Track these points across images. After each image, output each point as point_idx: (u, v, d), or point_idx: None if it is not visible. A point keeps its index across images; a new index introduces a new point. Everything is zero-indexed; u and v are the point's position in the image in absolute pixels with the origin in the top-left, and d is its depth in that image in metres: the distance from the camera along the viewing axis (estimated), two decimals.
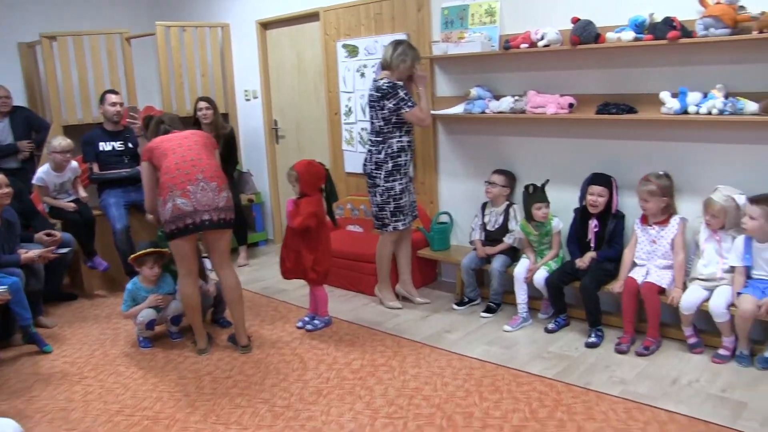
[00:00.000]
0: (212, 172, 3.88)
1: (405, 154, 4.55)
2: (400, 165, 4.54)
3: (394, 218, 4.62)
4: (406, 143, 4.55)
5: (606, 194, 4.09)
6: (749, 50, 3.62)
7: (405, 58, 4.42)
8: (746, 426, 3.02)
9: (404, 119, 4.47)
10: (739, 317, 3.54)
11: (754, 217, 3.51)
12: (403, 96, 4.40)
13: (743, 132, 3.71)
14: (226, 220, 3.91)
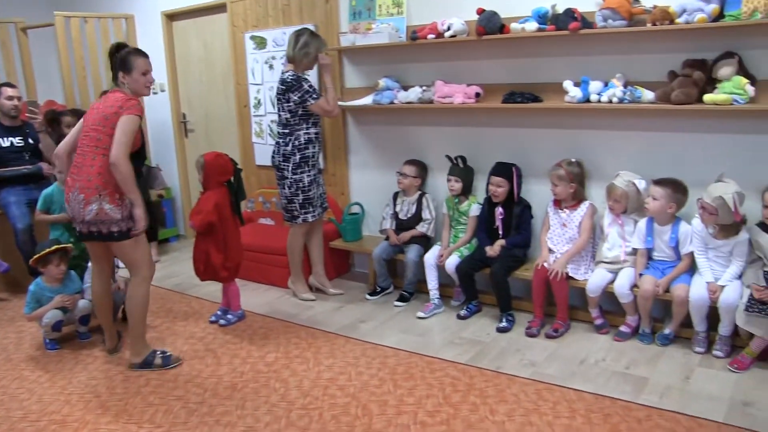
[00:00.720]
0: (84, 183, 3.48)
1: (313, 146, 4.53)
2: (308, 157, 4.51)
3: (304, 210, 4.58)
4: (313, 135, 4.52)
5: (505, 184, 4.19)
6: (644, 41, 3.77)
7: (308, 51, 4.41)
8: (647, 399, 3.17)
9: (311, 111, 4.44)
10: (641, 297, 3.70)
11: (657, 198, 3.66)
12: (308, 88, 4.37)
13: (641, 119, 3.86)
14: (98, 232, 3.54)
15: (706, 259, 3.62)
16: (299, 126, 4.47)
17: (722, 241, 3.55)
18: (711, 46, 3.57)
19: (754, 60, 3.49)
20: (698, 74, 3.54)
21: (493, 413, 3.10)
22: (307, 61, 4.43)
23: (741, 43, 3.51)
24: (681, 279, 3.66)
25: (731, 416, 3.00)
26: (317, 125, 4.56)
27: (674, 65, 3.67)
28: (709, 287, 3.52)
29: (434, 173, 4.73)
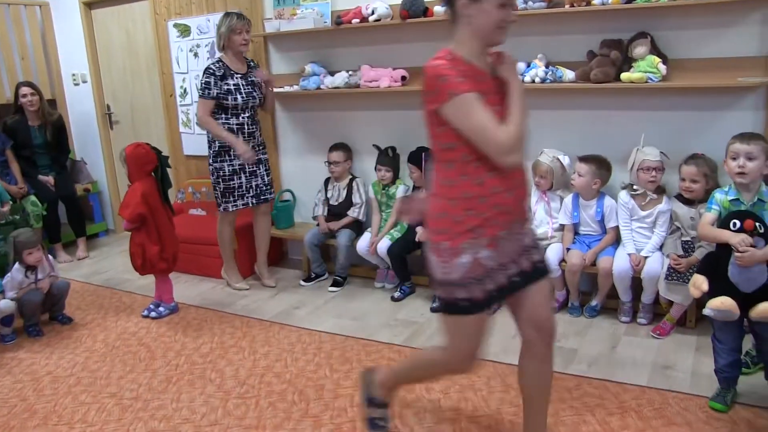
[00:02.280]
0: None
1: (233, 136, 4.34)
2: (227, 147, 4.37)
3: (224, 199, 4.48)
4: (234, 125, 4.36)
5: (417, 170, 4.27)
6: (564, 23, 3.87)
7: (219, 32, 4.32)
8: (577, 369, 3.30)
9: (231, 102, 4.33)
10: (569, 271, 3.82)
11: (582, 174, 3.78)
12: (204, 81, 4.27)
13: (563, 98, 3.97)
14: None
15: (630, 230, 3.76)
16: (217, 115, 4.34)
17: (647, 212, 3.69)
18: (626, 27, 3.69)
19: (666, 40, 3.63)
20: (615, 54, 3.66)
21: (429, 392, 3.16)
22: (224, 43, 4.32)
23: (653, 24, 3.64)
24: (606, 252, 3.80)
25: (653, 379, 3.16)
26: (240, 116, 4.38)
27: (593, 45, 3.79)
28: (632, 258, 3.66)
29: (362, 157, 4.75)
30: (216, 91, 4.26)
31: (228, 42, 4.30)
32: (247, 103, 4.36)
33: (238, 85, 4.33)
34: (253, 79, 4.42)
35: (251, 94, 4.38)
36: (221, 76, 4.27)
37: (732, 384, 2.92)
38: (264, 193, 4.62)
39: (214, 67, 4.28)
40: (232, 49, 4.33)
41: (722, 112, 3.61)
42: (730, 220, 2.74)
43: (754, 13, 3.45)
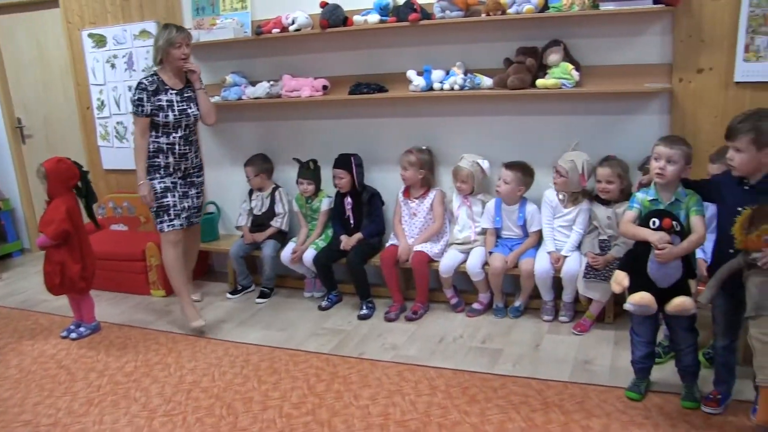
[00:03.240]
0: None
1: (163, 156, 4.06)
2: (158, 166, 4.08)
3: (159, 219, 4.14)
4: (164, 145, 4.06)
5: (346, 175, 4.28)
6: (481, 31, 3.97)
7: (157, 46, 4.03)
8: (502, 369, 3.38)
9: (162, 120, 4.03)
10: (491, 274, 3.90)
11: (508, 182, 3.87)
12: (136, 98, 3.97)
13: (482, 105, 4.07)
14: None
15: (551, 229, 3.88)
16: (150, 132, 4.07)
17: (568, 210, 3.81)
18: (540, 35, 3.82)
19: (578, 48, 3.78)
20: (530, 61, 3.78)
21: (357, 399, 3.17)
22: (161, 57, 4.02)
23: (566, 33, 3.78)
24: (528, 254, 3.91)
25: (575, 374, 3.27)
26: (171, 135, 4.07)
27: (509, 53, 3.90)
28: (552, 256, 3.79)
29: (285, 167, 4.73)
30: (149, 107, 3.98)
31: (166, 56, 4.01)
32: (179, 121, 4.06)
33: (171, 102, 4.03)
34: (190, 95, 4.12)
35: (185, 111, 4.07)
36: (153, 91, 3.99)
37: (646, 374, 3.07)
38: (193, 216, 4.34)
39: (146, 82, 4.00)
40: (170, 63, 4.04)
41: (631, 115, 3.77)
42: (649, 219, 2.85)
43: (656, 24, 3.64)
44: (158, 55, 4.04)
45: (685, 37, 3.58)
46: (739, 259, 2.63)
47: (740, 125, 2.63)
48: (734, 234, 2.59)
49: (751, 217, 2.53)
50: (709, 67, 3.57)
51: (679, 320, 2.87)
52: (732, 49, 3.51)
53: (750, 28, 3.46)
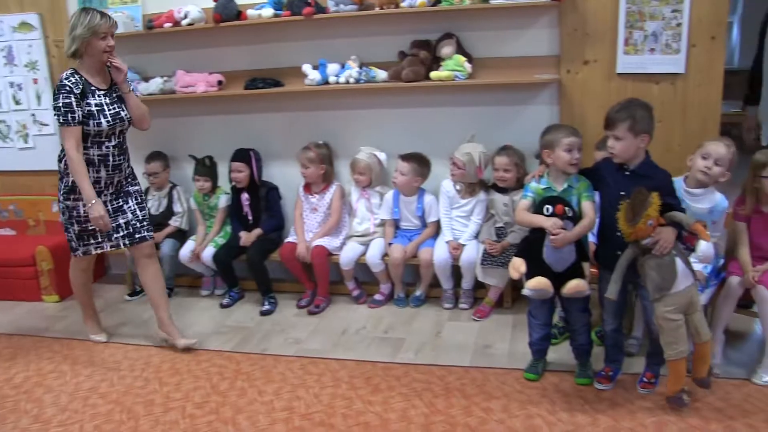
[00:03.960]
0: None
1: (94, 170, 3.40)
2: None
3: (80, 242, 3.57)
4: (95, 157, 3.40)
5: (245, 168, 4.22)
6: (375, 24, 3.99)
7: (74, 35, 3.26)
8: (405, 357, 3.43)
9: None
10: (391, 265, 3.95)
11: (404, 173, 3.91)
12: (63, 103, 3.24)
13: (378, 97, 4.09)
14: None
15: (449, 218, 3.95)
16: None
17: (466, 200, 3.89)
18: (434, 28, 3.88)
19: (470, 40, 3.87)
20: (424, 54, 3.84)
21: (261, 394, 3.14)
22: (80, 49, 3.29)
23: (458, 26, 3.86)
24: (426, 244, 3.97)
25: (476, 359, 3.35)
26: (102, 145, 3.40)
27: (403, 46, 3.94)
28: (450, 245, 3.86)
29: (182, 164, 4.62)
30: (79, 113, 3.28)
31: (86, 48, 3.29)
32: (113, 128, 3.40)
33: (102, 106, 3.35)
34: (119, 94, 3.46)
35: (118, 115, 3.41)
36: (81, 93, 3.29)
37: (543, 355, 3.19)
38: (139, 230, 3.61)
39: (70, 83, 3.27)
40: (91, 57, 3.33)
41: (523, 106, 3.90)
42: (543, 206, 2.95)
43: (544, 17, 3.78)
44: (75, 45, 3.29)
45: (571, 31, 3.73)
46: (632, 249, 2.77)
47: (617, 114, 2.79)
48: (621, 229, 2.73)
49: (632, 207, 2.66)
50: (594, 59, 3.74)
51: (574, 302, 2.99)
52: (613, 43, 3.69)
53: (628, 23, 3.65)
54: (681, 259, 2.72)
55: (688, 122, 3.65)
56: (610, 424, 2.78)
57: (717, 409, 2.86)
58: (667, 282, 2.70)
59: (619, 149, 2.80)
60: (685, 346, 2.75)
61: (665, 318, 2.73)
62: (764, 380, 3.03)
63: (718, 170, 3.07)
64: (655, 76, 3.68)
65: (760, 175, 3.05)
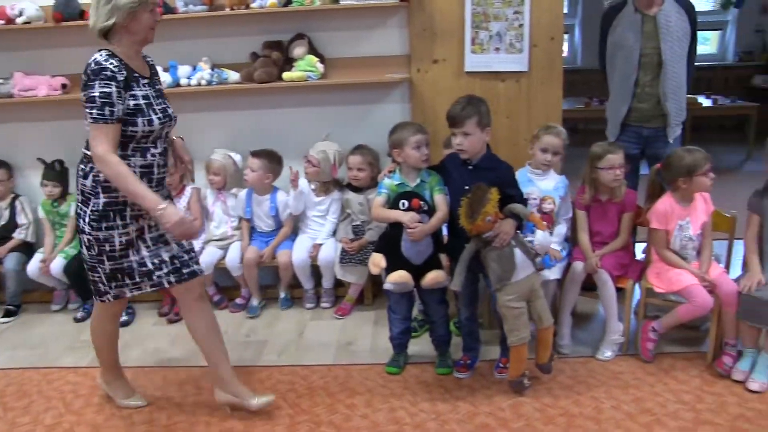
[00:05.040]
0: None
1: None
2: (117, 206, 2.63)
3: (111, 284, 2.74)
4: (138, 169, 2.60)
5: None
6: (226, 25, 3.94)
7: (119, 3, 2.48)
8: (268, 360, 3.42)
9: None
10: (246, 267, 3.92)
11: (255, 169, 3.86)
12: (100, 92, 2.43)
13: (230, 99, 4.03)
14: None
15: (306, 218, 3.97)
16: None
17: (320, 199, 3.91)
18: (285, 29, 3.88)
19: (322, 41, 3.90)
20: (276, 54, 3.83)
21: (120, 409, 3.03)
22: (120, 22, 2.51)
23: (309, 26, 3.88)
24: (284, 245, 3.95)
25: (339, 356, 3.40)
26: (147, 152, 2.64)
27: (255, 47, 3.91)
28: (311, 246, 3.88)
29: (26, 173, 4.34)
30: (120, 107, 2.51)
31: (131, 22, 2.54)
32: (162, 129, 2.69)
33: (149, 99, 2.62)
34: (161, 87, 2.84)
35: (166, 112, 2.71)
36: (124, 82, 2.53)
37: (404, 348, 3.28)
38: (187, 263, 2.81)
39: (112, 66, 2.49)
40: (134, 35, 2.59)
41: (376, 105, 3.98)
42: (399, 201, 3.02)
43: (394, 17, 3.87)
44: (114, 19, 2.50)
45: (420, 31, 3.84)
46: (475, 242, 2.89)
47: (464, 112, 2.90)
48: (462, 224, 2.83)
49: (470, 204, 2.78)
50: (443, 58, 3.87)
51: (432, 294, 3.09)
52: (461, 42, 3.83)
53: (474, 23, 3.80)
54: (520, 250, 2.88)
55: (533, 117, 3.86)
56: (470, 410, 2.90)
57: (566, 386, 3.06)
58: (507, 272, 2.84)
59: (468, 144, 2.92)
60: (526, 333, 2.90)
61: (507, 306, 2.87)
62: (606, 356, 3.27)
63: (557, 158, 3.33)
64: (501, 74, 3.86)
65: (597, 167, 3.27)
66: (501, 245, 2.82)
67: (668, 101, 3.64)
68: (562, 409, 2.88)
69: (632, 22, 3.62)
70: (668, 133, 3.66)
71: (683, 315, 3.13)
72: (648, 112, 3.70)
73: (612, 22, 3.74)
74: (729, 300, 3.04)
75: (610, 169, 3.23)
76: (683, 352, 3.33)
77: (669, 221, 3.19)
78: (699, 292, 3.06)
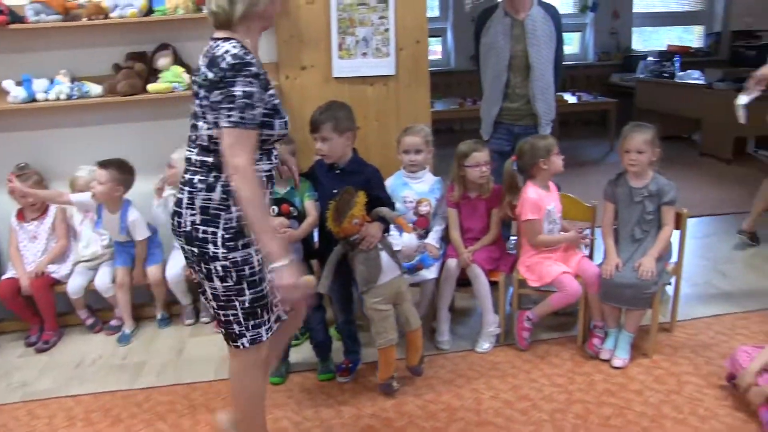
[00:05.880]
0: None
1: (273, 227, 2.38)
2: None
3: (255, 320, 2.29)
4: (263, 173, 2.28)
5: None
6: (86, 36, 3.76)
7: None
8: (146, 382, 3.30)
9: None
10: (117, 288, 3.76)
11: (103, 181, 3.61)
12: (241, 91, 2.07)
13: (93, 113, 3.84)
14: None
15: None
16: None
17: None
18: (149, 39, 3.76)
19: (187, 51, 3.79)
20: (140, 66, 3.70)
21: None
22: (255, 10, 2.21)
23: (173, 36, 3.77)
24: (152, 260, 3.81)
25: (220, 371, 3.31)
26: (271, 155, 2.33)
27: (118, 58, 3.77)
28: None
29: None
30: (260, 111, 2.16)
31: (265, 10, 2.24)
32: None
33: (275, 97, 2.29)
34: None
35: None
36: (264, 80, 2.20)
37: (285, 357, 3.24)
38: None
39: (253, 60, 2.15)
40: (265, 22, 2.30)
41: None
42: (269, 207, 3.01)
43: None
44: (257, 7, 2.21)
45: (288, 38, 3.82)
46: (342, 245, 2.92)
47: (321, 117, 2.96)
48: (330, 227, 2.86)
49: (337, 207, 2.81)
50: (311, 64, 3.86)
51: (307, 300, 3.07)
52: (328, 48, 3.84)
53: (340, 29, 3.82)
54: (386, 253, 2.92)
55: (402, 120, 3.90)
56: (354, 413, 2.92)
57: (447, 381, 3.14)
58: (373, 275, 2.88)
59: (328, 149, 2.97)
60: (393, 335, 2.95)
61: (374, 309, 2.91)
62: (484, 348, 3.38)
63: (422, 156, 3.41)
64: (369, 78, 3.89)
65: (464, 165, 3.37)
66: (368, 248, 2.85)
67: (537, 102, 3.82)
68: (443, 404, 2.95)
69: (502, 25, 3.79)
70: (539, 132, 3.83)
71: (555, 303, 3.29)
72: (519, 111, 3.88)
73: (485, 23, 3.90)
74: (592, 283, 3.22)
75: (476, 166, 3.34)
76: (556, 337, 3.49)
77: (541, 209, 3.33)
78: (569, 281, 3.22)
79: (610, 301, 3.19)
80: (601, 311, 3.27)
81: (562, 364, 3.23)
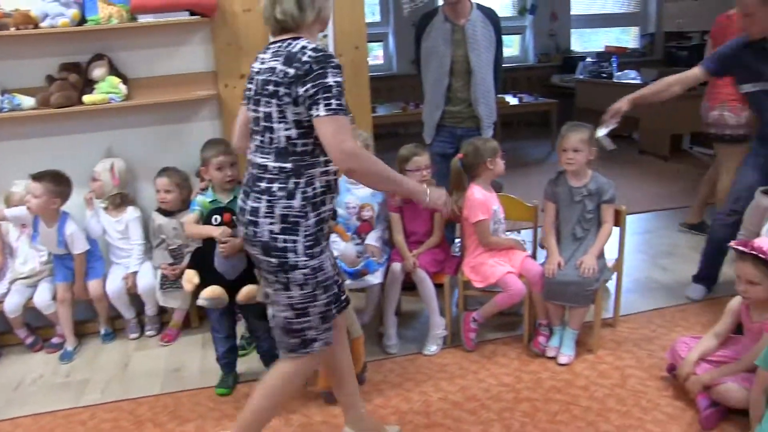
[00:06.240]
0: None
1: (330, 197, 2.33)
2: (325, 218, 2.32)
3: (323, 326, 2.34)
4: (332, 176, 2.32)
5: None
6: (15, 46, 3.65)
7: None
8: (90, 399, 3.22)
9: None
10: (59, 303, 3.65)
11: (38, 195, 3.49)
12: (334, 81, 2.13)
13: (26, 127, 3.73)
14: None
15: (112, 246, 3.78)
16: (315, 156, 2.24)
17: (116, 219, 3.73)
18: (83, 49, 3.68)
19: (123, 61, 3.73)
20: (74, 77, 3.62)
21: None
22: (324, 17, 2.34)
23: (108, 46, 3.70)
24: (93, 274, 3.70)
25: (167, 385, 3.28)
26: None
27: (51, 69, 3.67)
28: (128, 277, 3.70)
29: None
30: None
31: (327, 15, 2.36)
32: None
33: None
34: None
35: None
36: None
37: (232, 368, 3.23)
38: (341, 286, 2.60)
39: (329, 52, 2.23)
40: (322, 25, 2.38)
41: (185, 123, 3.86)
42: (211, 216, 3.03)
43: (197, 33, 3.78)
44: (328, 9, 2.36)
45: (225, 46, 3.79)
46: None
47: None
48: None
49: None
50: None
51: (252, 309, 3.07)
52: None
53: None
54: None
55: None
56: (303, 421, 2.91)
57: (396, 384, 3.15)
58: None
59: None
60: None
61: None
62: (432, 350, 3.41)
63: None
64: None
65: (405, 169, 3.39)
66: None
67: (479, 106, 3.87)
68: (393, 408, 2.96)
69: (443, 30, 3.83)
70: (482, 134, 3.88)
71: (501, 303, 3.33)
72: (461, 114, 3.93)
73: (425, 28, 3.94)
74: (536, 282, 3.27)
75: (417, 170, 3.36)
76: (502, 337, 3.54)
77: (489, 210, 3.36)
78: (513, 281, 3.27)
79: (553, 299, 3.25)
80: (546, 309, 3.33)
81: (509, 364, 3.28)
